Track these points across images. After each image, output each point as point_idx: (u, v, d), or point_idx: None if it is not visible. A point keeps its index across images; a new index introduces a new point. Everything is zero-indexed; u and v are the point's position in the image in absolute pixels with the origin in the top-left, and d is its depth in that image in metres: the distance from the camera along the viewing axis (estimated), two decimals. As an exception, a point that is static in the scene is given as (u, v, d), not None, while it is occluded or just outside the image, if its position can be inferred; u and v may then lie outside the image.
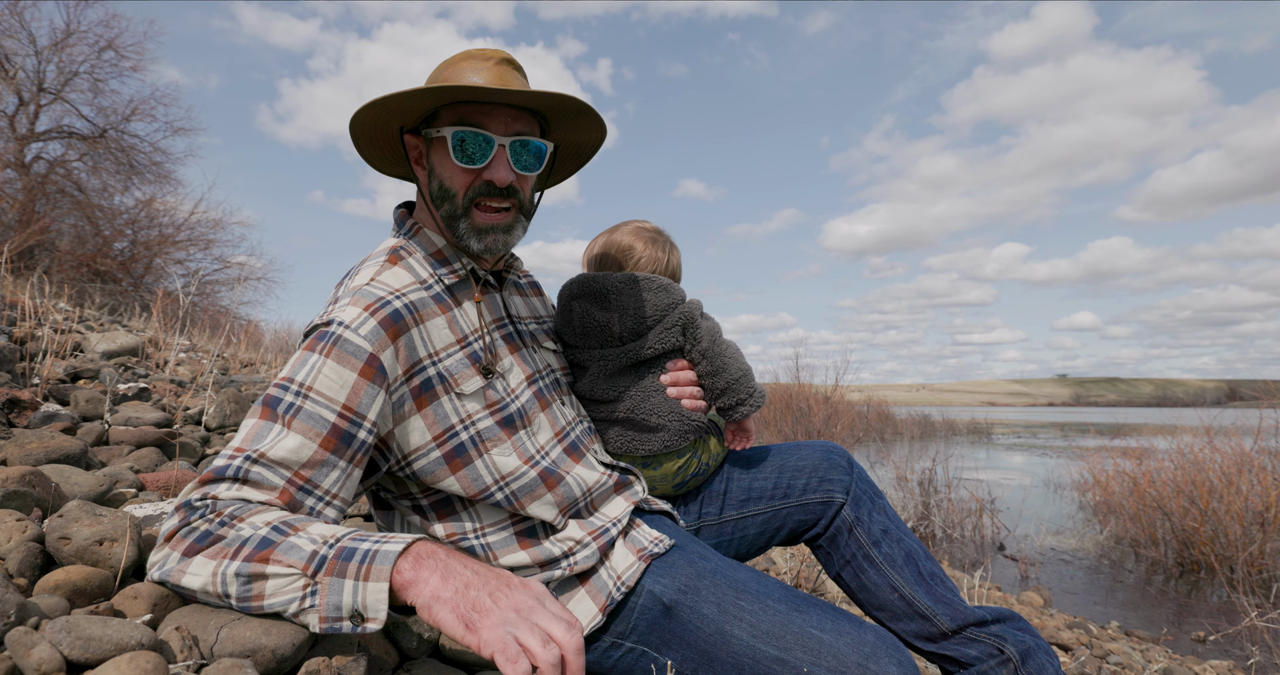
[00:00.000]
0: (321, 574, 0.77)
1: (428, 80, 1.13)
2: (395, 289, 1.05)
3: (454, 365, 1.07)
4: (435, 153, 1.12)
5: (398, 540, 0.82)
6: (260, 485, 0.88)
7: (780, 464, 1.42)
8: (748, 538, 1.39)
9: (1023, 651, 1.22)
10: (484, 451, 1.06)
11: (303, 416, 0.91)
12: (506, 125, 1.09)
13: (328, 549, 0.79)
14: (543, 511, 1.08)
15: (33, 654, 0.72)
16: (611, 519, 1.16)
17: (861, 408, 14.34)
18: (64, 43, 11.81)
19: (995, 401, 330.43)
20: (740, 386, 1.33)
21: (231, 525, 0.82)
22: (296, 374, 0.94)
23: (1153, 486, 5.73)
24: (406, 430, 1.02)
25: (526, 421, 1.13)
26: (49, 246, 9.93)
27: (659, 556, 1.10)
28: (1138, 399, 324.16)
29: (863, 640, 0.97)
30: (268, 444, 0.89)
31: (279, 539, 0.80)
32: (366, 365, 0.95)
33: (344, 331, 0.96)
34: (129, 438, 1.73)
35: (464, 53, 1.12)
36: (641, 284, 1.33)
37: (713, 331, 1.34)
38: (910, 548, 1.33)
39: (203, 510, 0.84)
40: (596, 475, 1.18)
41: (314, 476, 0.91)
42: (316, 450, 0.91)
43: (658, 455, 1.33)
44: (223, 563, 0.79)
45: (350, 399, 0.93)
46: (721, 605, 1.02)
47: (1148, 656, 3.12)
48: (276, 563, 0.78)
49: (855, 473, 1.40)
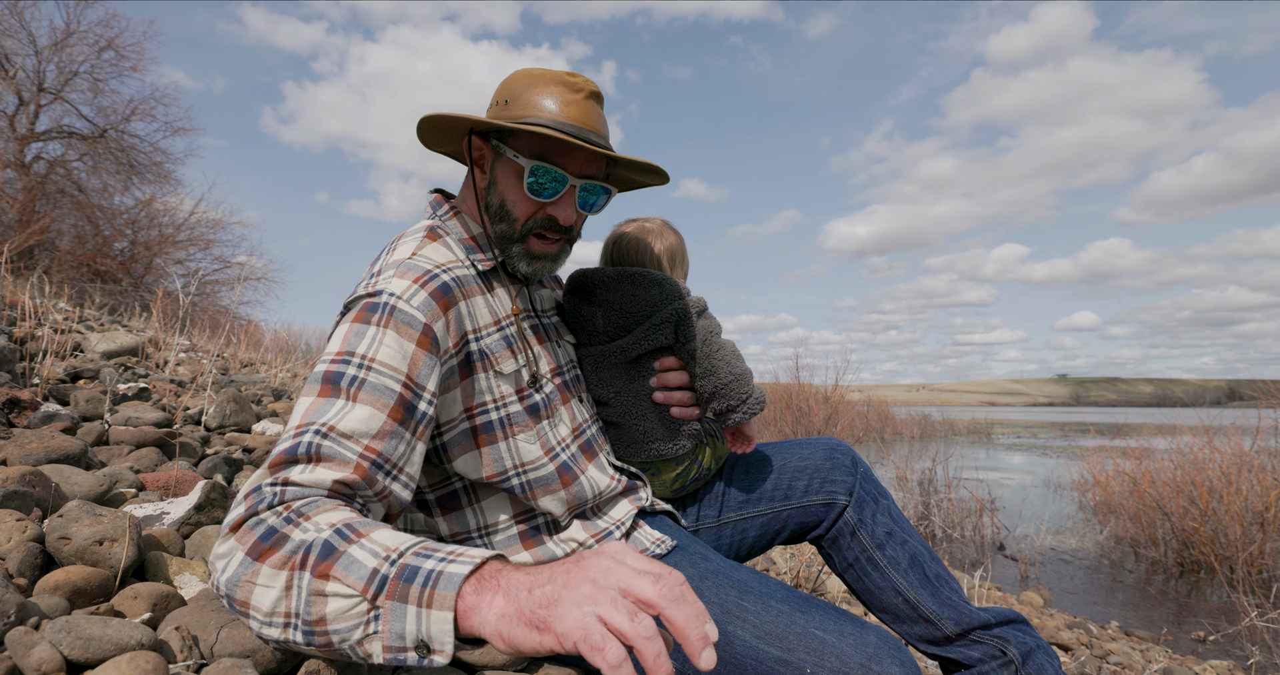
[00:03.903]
0: (383, 597, 0.69)
1: (507, 89, 1.10)
2: (440, 263, 1.04)
3: (493, 344, 1.07)
4: (502, 169, 1.10)
5: (465, 559, 0.71)
6: (334, 459, 0.83)
7: (780, 464, 1.40)
8: (748, 540, 1.38)
9: (1024, 653, 1.22)
10: (510, 435, 1.06)
11: (369, 388, 0.88)
12: (582, 166, 1.09)
13: (389, 567, 0.70)
14: (552, 506, 1.09)
15: (33, 654, 0.72)
16: (615, 521, 1.16)
17: (861, 408, 14.34)
18: (64, 43, 11.82)
19: (995, 401, 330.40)
20: (732, 391, 1.25)
21: (298, 523, 0.77)
22: (356, 346, 0.91)
23: (1153, 486, 5.74)
24: (446, 402, 1.02)
25: (550, 412, 1.13)
26: (49, 246, 9.93)
27: (660, 558, 1.10)
28: (1137, 399, 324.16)
29: (865, 641, 0.97)
30: (335, 417, 0.85)
31: (341, 546, 0.73)
32: (423, 335, 0.94)
33: (397, 302, 0.94)
34: (129, 438, 1.73)
35: (554, 75, 1.08)
36: (634, 278, 1.27)
37: (707, 330, 1.26)
38: (915, 549, 1.32)
39: (271, 499, 0.79)
40: (607, 480, 1.18)
41: (384, 449, 0.88)
42: (386, 421, 0.88)
43: (654, 462, 1.30)
44: (294, 575, 0.72)
45: (412, 369, 0.92)
46: (724, 606, 1.02)
47: (1148, 656, 3.11)
48: (337, 581, 0.71)
49: (859, 473, 1.37)
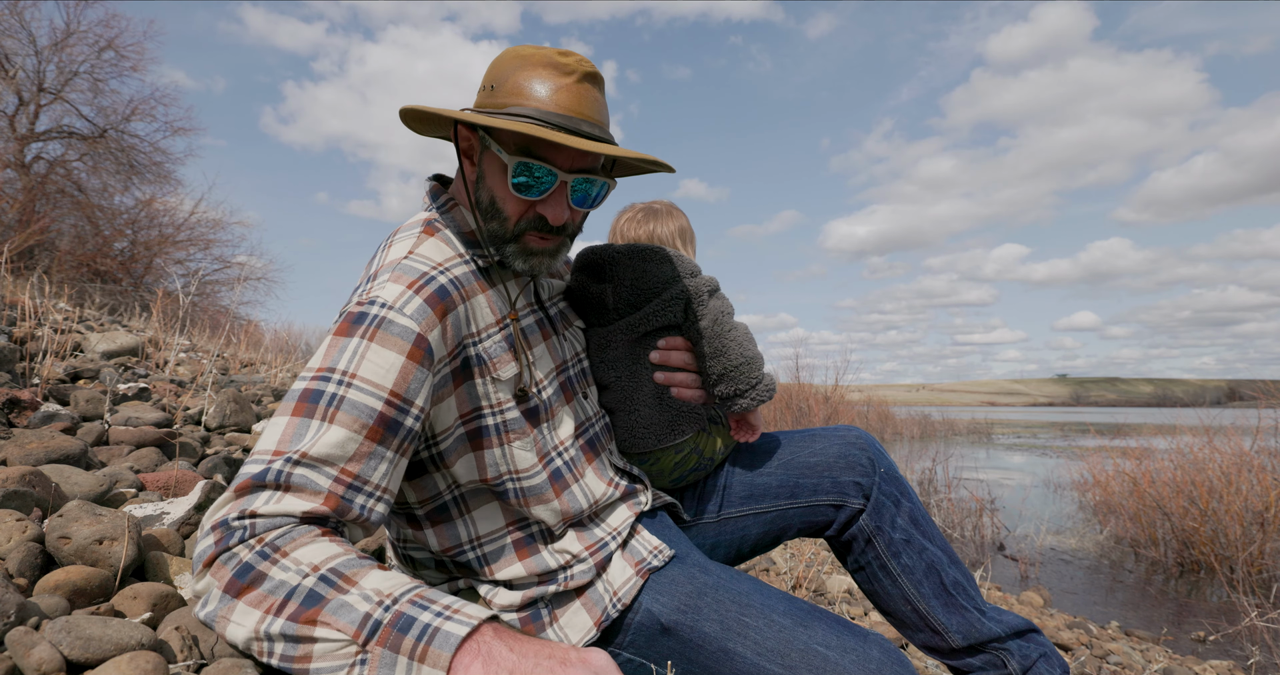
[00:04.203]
0: (374, 643, 0.70)
1: (494, 73, 1.02)
2: (438, 263, 0.99)
3: (493, 348, 1.02)
4: (489, 163, 1.02)
5: (461, 618, 0.72)
6: (304, 490, 0.80)
7: (789, 459, 1.31)
8: (750, 538, 1.32)
9: (1025, 666, 1.20)
10: (506, 442, 1.02)
11: (347, 407, 0.83)
12: (574, 159, 1.00)
13: (383, 612, 0.71)
14: (545, 515, 1.05)
15: (33, 654, 0.72)
16: (612, 530, 1.12)
17: (861, 407, 14.33)
18: (64, 43, 11.82)
19: (995, 401, 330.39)
20: (740, 375, 1.18)
21: (275, 559, 0.75)
22: (337, 361, 0.86)
23: (1153, 486, 5.73)
24: (439, 412, 0.97)
25: (551, 414, 1.09)
26: (49, 246, 9.93)
27: (657, 570, 1.07)
28: (1137, 399, 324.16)
29: (868, 656, 0.96)
30: (308, 441, 0.81)
31: (329, 594, 0.73)
32: (414, 347, 0.89)
33: (387, 313, 0.89)
34: (129, 438, 1.73)
35: (543, 55, 0.98)
36: (646, 254, 1.21)
37: (719, 310, 1.20)
38: (933, 557, 1.25)
39: (241, 532, 0.77)
40: (604, 486, 1.13)
41: (362, 471, 0.84)
42: (363, 442, 0.84)
43: (652, 451, 1.23)
44: (268, 619, 0.72)
45: (398, 384, 0.87)
46: (724, 622, 1.00)
47: (1148, 656, 3.11)
48: (325, 625, 0.71)
49: (878, 473, 1.27)
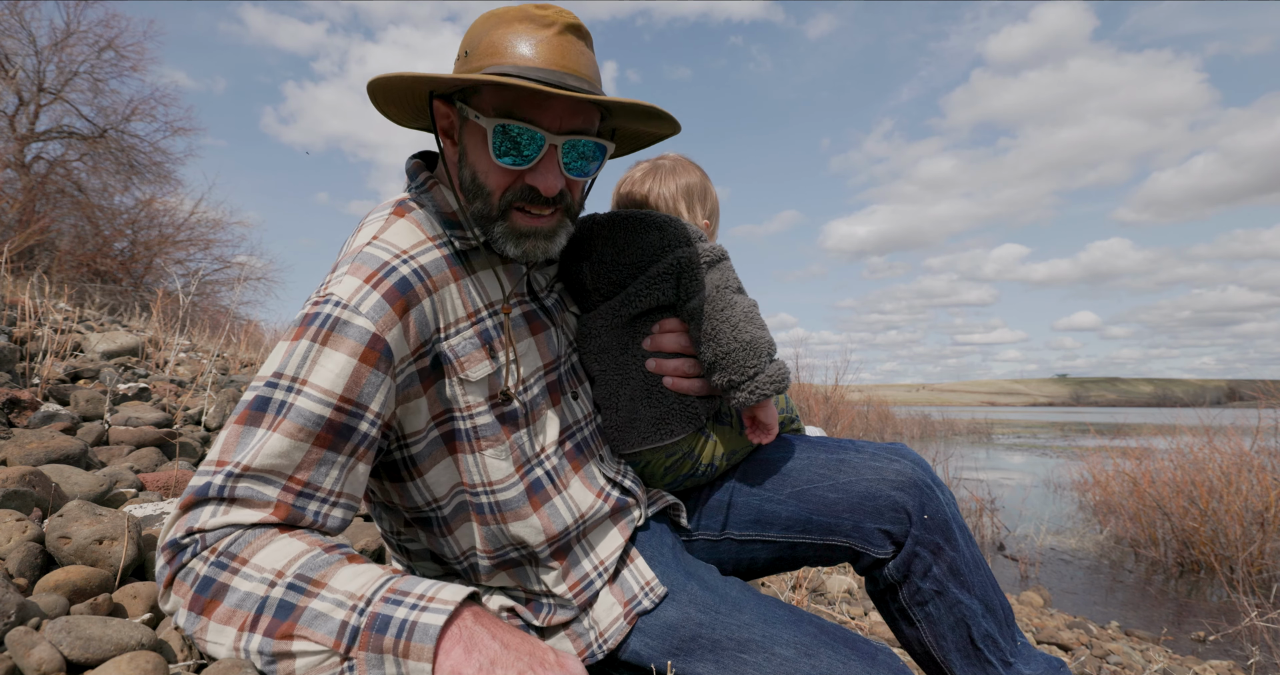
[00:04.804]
0: (356, 649, 0.69)
1: (468, 38, 0.94)
2: (402, 250, 0.91)
3: (461, 345, 0.93)
4: (470, 136, 0.93)
5: (438, 606, 0.72)
6: (251, 502, 0.77)
7: (804, 488, 1.13)
8: (757, 563, 1.19)
9: None
10: (477, 449, 0.95)
11: (294, 415, 0.79)
12: (562, 119, 0.90)
13: (358, 617, 0.70)
14: (526, 535, 0.97)
15: (33, 654, 0.72)
16: (598, 564, 1.03)
17: (861, 407, 14.32)
18: (64, 43, 11.84)
19: (995, 401, 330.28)
20: (737, 361, 1.01)
21: (234, 568, 0.73)
22: (285, 366, 0.81)
23: (1152, 486, 5.73)
24: (409, 412, 0.91)
25: (532, 418, 0.99)
26: (49, 246, 9.93)
27: (647, 613, 1.00)
28: (1137, 399, 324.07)
29: None
30: (250, 452, 0.77)
31: (300, 602, 0.71)
32: (369, 349, 0.83)
33: (341, 312, 0.83)
34: (129, 438, 1.73)
35: (518, 10, 0.90)
36: (629, 223, 1.06)
37: (720, 285, 1.04)
38: (965, 611, 1.09)
39: (193, 547, 0.75)
40: (591, 498, 1.03)
41: (313, 478, 0.80)
42: (310, 450, 0.79)
43: (640, 452, 1.08)
44: (244, 636, 0.71)
45: (349, 389, 0.81)
46: (720, 663, 0.94)
47: (1148, 656, 3.11)
48: (304, 638, 0.70)
49: (918, 520, 1.07)
